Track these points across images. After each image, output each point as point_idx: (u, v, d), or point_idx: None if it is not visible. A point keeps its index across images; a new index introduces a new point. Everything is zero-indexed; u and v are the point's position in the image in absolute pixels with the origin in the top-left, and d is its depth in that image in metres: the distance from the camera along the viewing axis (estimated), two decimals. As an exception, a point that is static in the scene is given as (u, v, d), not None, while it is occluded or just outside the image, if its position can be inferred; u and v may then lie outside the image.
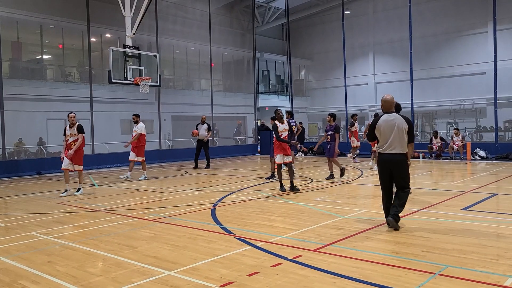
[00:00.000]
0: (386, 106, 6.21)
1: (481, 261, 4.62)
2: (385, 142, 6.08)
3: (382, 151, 6.12)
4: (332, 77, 29.64)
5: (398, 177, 6.12)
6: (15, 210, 8.76)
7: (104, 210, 8.29)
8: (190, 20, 24.45)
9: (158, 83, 15.80)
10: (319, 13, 29.77)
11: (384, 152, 6.09)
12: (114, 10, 17.01)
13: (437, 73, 24.87)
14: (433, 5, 25.03)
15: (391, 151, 6.05)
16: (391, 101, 6.19)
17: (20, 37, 20.14)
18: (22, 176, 15.18)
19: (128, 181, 12.87)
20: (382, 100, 6.25)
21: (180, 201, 9.09)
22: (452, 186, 10.44)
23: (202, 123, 16.35)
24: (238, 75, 28.30)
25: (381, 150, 6.13)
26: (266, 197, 9.26)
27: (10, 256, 5.27)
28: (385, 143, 6.08)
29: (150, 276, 4.41)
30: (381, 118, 6.17)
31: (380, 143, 6.16)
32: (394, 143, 6.04)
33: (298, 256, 4.90)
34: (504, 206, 8.01)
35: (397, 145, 6.04)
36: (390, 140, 6.04)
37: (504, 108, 21.87)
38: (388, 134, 6.05)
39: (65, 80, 20.49)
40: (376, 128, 6.17)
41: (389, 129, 6.05)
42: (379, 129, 6.13)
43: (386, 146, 6.08)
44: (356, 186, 10.92)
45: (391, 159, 6.06)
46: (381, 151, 6.13)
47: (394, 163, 6.06)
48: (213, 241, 5.71)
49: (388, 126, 6.06)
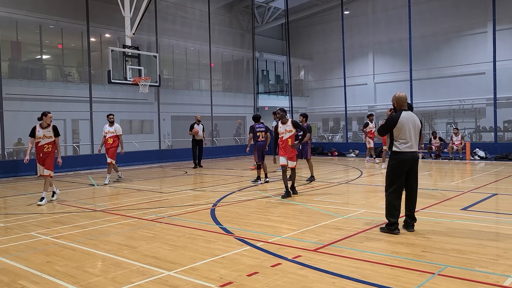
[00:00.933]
0: (401, 103, 6.00)
1: (481, 261, 4.62)
2: (408, 140, 5.85)
3: (403, 149, 5.84)
4: (331, 77, 29.64)
5: (414, 176, 5.95)
6: (14, 210, 8.75)
7: (103, 210, 8.28)
8: (190, 20, 24.45)
9: (158, 83, 15.80)
10: (319, 13, 29.77)
11: (405, 150, 5.85)
12: (113, 10, 17.01)
13: (436, 73, 24.88)
14: (432, 5, 25.03)
15: (412, 149, 5.88)
16: (405, 98, 6.04)
17: (19, 37, 20.13)
18: (22, 176, 15.17)
19: (127, 181, 12.86)
20: (396, 98, 6.04)
21: (180, 201, 9.09)
22: (452, 186, 10.44)
23: (198, 123, 16.45)
24: (238, 75, 28.30)
25: (403, 148, 5.84)
26: (265, 197, 9.26)
27: (10, 256, 5.27)
28: (408, 141, 5.85)
29: (150, 276, 4.41)
30: (402, 115, 5.89)
31: (401, 141, 5.86)
32: (414, 140, 5.92)
33: (298, 256, 4.90)
34: (504, 206, 8.01)
35: (415, 143, 5.94)
36: (412, 137, 5.88)
37: (503, 108, 21.88)
38: (410, 132, 5.86)
39: (65, 80, 20.48)
40: (398, 125, 5.85)
41: (411, 126, 5.88)
42: (401, 126, 5.85)
43: (409, 144, 5.86)
44: (355, 186, 10.92)
45: (412, 158, 5.87)
46: (403, 149, 5.84)
47: (414, 161, 5.91)
48: (213, 241, 5.71)
49: (410, 123, 5.88)
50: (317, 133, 31.70)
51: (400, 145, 5.88)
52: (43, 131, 9.11)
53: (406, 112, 5.96)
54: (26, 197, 10.35)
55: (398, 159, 5.88)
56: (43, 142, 9.10)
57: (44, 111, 9.26)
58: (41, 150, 9.13)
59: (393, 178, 5.91)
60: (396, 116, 5.94)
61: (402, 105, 6.02)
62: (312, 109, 32.85)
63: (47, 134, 9.13)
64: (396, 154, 5.91)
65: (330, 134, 30.54)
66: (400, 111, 5.98)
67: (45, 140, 9.12)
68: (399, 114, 5.94)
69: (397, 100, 6.05)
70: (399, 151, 5.88)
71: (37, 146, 9.13)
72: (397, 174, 5.89)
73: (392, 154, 5.98)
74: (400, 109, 6.01)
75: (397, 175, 5.89)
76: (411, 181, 5.96)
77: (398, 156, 5.88)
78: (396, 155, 5.91)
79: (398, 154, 5.89)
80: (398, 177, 5.88)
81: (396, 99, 6.06)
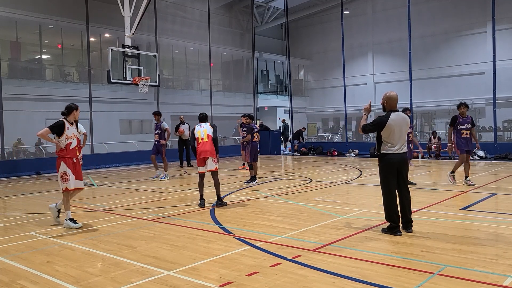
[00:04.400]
0: (392, 104, 5.83)
1: (480, 261, 4.62)
2: (398, 142, 5.75)
3: (393, 152, 5.73)
4: (331, 77, 29.66)
5: (405, 177, 5.89)
6: (14, 210, 8.75)
7: (103, 210, 8.28)
8: (189, 20, 24.46)
9: (157, 83, 15.80)
10: (318, 13, 29.79)
11: (395, 152, 5.75)
12: (113, 10, 17.00)
13: (436, 73, 24.90)
14: (432, 5, 25.05)
15: (401, 150, 5.79)
16: (396, 98, 5.83)
17: (19, 37, 20.14)
18: (21, 176, 15.16)
19: (127, 181, 12.86)
20: (387, 97, 5.83)
21: (179, 201, 9.09)
22: (451, 186, 10.44)
23: (182, 123, 16.57)
24: (237, 75, 28.31)
25: (393, 150, 5.73)
26: (265, 197, 9.26)
27: (9, 256, 5.27)
28: (398, 143, 5.75)
29: (149, 276, 4.41)
30: (391, 117, 5.72)
31: (391, 143, 5.75)
32: (404, 142, 5.83)
33: (297, 256, 4.90)
34: (503, 206, 8.01)
35: (404, 144, 5.86)
36: (400, 140, 5.77)
37: (503, 108, 21.90)
38: (400, 134, 5.75)
39: (64, 80, 20.48)
40: (386, 127, 5.70)
41: (401, 128, 5.76)
42: (390, 128, 5.70)
43: (398, 146, 5.76)
44: (355, 186, 10.92)
45: (401, 159, 5.79)
46: (393, 151, 5.73)
47: (404, 163, 5.83)
48: (212, 241, 5.71)
49: (400, 125, 5.75)
50: (317, 132, 31.72)
51: (388, 148, 5.78)
52: (72, 130, 6.83)
53: (395, 113, 5.79)
54: (26, 197, 10.35)
55: (387, 160, 5.79)
56: (74, 143, 6.84)
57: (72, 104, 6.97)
58: (74, 154, 6.83)
59: (387, 181, 5.82)
60: (385, 118, 5.75)
61: (392, 105, 5.83)
62: (311, 109, 32.90)
63: (75, 133, 6.91)
64: (384, 156, 5.82)
65: (329, 134, 30.56)
66: (390, 112, 5.80)
67: (75, 142, 6.89)
68: (388, 116, 5.76)
69: (387, 100, 5.85)
70: (387, 153, 5.79)
71: (68, 150, 6.74)
72: (389, 176, 5.80)
73: (381, 156, 5.86)
74: (389, 110, 5.83)
75: (390, 177, 5.80)
76: (402, 185, 5.86)
77: (387, 158, 5.79)
78: (385, 157, 5.81)
79: (386, 156, 5.80)
80: (391, 180, 5.80)
81: (387, 99, 5.85)
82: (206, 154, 8.08)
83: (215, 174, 8.25)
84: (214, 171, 8.20)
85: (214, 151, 8.18)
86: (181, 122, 16.72)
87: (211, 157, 8.14)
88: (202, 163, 8.18)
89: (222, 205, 8.16)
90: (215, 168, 8.21)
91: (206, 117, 8.55)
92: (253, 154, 11.70)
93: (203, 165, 8.20)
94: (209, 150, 8.09)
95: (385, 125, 5.72)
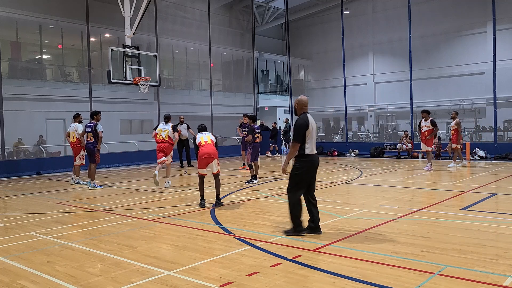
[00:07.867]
0: (301, 106, 6.02)
1: (480, 261, 4.62)
2: (313, 143, 5.91)
3: (310, 152, 5.85)
4: (331, 77, 29.65)
5: (315, 179, 6.03)
6: (14, 210, 8.75)
7: (103, 210, 8.28)
8: (190, 20, 24.45)
9: (158, 83, 15.79)
10: (319, 13, 29.78)
11: (312, 153, 5.88)
12: (113, 10, 17.00)
13: (436, 73, 24.88)
14: (432, 5, 25.03)
15: (315, 151, 5.97)
16: (306, 101, 6.04)
17: (19, 37, 20.14)
18: (22, 176, 15.17)
19: (127, 181, 12.86)
20: (299, 101, 6.04)
21: (180, 201, 9.09)
22: (451, 186, 10.44)
23: (181, 123, 16.57)
24: (238, 75, 28.31)
25: (310, 151, 5.85)
26: (265, 197, 9.26)
27: (10, 256, 5.27)
28: (313, 144, 5.91)
29: (150, 276, 4.41)
30: (309, 118, 5.89)
31: (308, 144, 5.84)
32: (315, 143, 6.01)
33: (298, 256, 4.91)
34: (503, 206, 8.01)
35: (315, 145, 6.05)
36: (314, 141, 5.95)
37: (503, 108, 21.89)
38: (315, 135, 5.95)
39: (65, 80, 20.49)
40: (309, 128, 5.81)
41: (315, 129, 5.96)
42: (311, 128, 5.84)
43: (313, 147, 5.92)
44: (355, 186, 10.92)
45: (318, 160, 5.98)
46: (309, 152, 5.84)
47: (318, 164, 6.00)
48: (213, 241, 5.71)
49: (315, 127, 5.95)
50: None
51: (308, 148, 5.85)
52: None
53: (308, 115, 5.97)
54: (26, 197, 10.35)
55: (308, 161, 5.86)
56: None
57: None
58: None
59: (303, 181, 5.89)
60: (305, 118, 5.86)
61: (302, 108, 6.03)
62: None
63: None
64: (305, 157, 5.85)
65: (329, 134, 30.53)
66: (304, 114, 5.95)
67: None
68: (305, 116, 5.88)
69: (298, 103, 6.08)
70: (308, 153, 5.86)
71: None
72: (305, 176, 5.88)
73: (301, 157, 5.86)
74: (301, 112, 6.00)
75: (306, 177, 5.88)
76: (314, 184, 6.01)
77: (308, 159, 5.86)
78: (306, 157, 5.86)
79: (307, 157, 5.86)
80: (306, 180, 5.90)
81: (297, 102, 6.08)
82: (210, 156, 8.09)
83: (217, 176, 8.30)
84: (217, 173, 8.25)
85: (217, 153, 8.23)
86: (180, 122, 16.68)
87: (215, 159, 8.18)
88: (205, 164, 8.19)
89: (219, 205, 8.19)
90: (217, 170, 8.25)
91: (206, 127, 8.77)
92: (254, 154, 11.81)
93: (205, 167, 8.21)
94: (213, 152, 8.13)
95: (308, 124, 5.83)
